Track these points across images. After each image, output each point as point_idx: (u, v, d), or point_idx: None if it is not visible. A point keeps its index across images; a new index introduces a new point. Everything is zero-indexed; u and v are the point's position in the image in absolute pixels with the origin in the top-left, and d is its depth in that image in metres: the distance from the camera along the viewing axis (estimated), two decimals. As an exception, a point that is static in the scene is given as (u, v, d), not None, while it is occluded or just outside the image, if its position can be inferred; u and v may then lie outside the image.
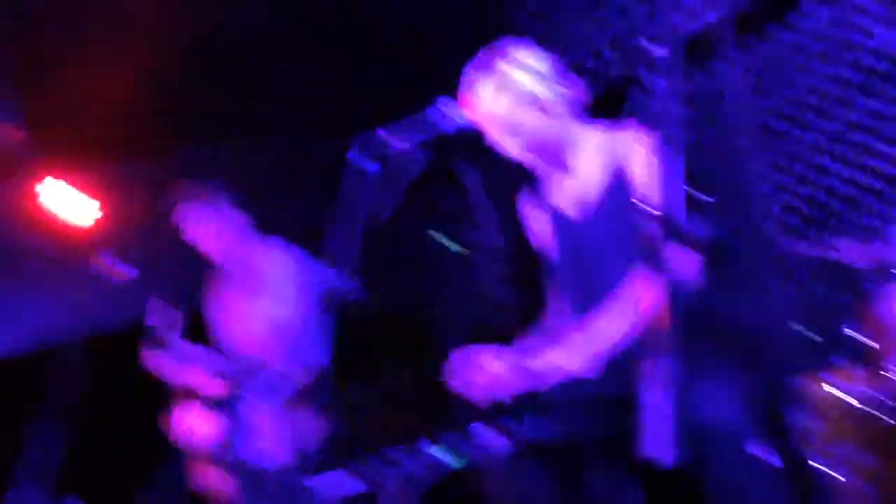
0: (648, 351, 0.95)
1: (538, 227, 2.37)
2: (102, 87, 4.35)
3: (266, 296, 3.66)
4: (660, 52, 1.18)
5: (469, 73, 2.20)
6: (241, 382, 3.39)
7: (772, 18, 4.36)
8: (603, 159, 2.12)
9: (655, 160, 1.91)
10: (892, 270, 4.13)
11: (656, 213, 0.97)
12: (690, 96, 4.76)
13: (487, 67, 2.17)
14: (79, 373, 3.31)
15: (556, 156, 2.20)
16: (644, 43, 1.33)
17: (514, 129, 2.16)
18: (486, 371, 2.01)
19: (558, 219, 2.29)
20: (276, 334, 3.48)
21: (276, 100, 5.05)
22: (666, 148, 1.97)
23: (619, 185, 2.03)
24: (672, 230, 0.97)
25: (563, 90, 2.16)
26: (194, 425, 3.46)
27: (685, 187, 0.99)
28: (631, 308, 1.80)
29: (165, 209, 3.90)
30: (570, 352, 1.90)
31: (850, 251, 4.10)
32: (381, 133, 2.16)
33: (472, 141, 2.32)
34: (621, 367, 1.90)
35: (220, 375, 3.45)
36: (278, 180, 5.44)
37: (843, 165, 4.28)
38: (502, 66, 2.15)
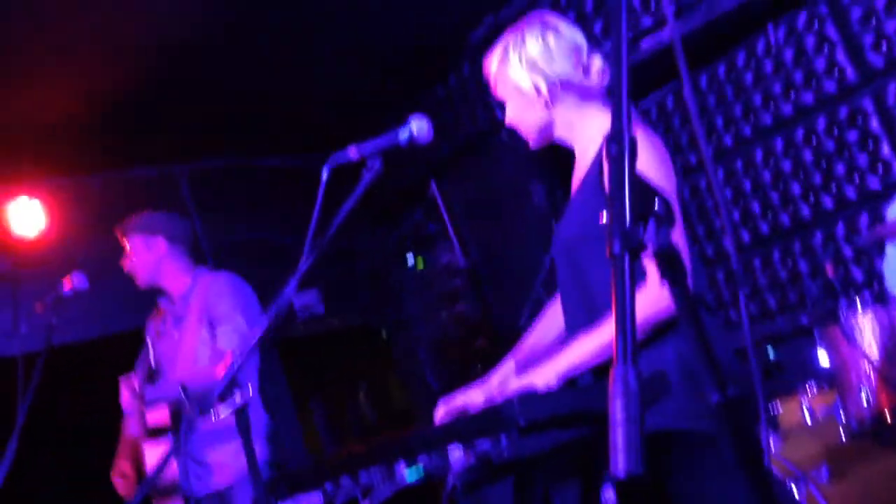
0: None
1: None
2: (49, 103, 4.28)
3: (205, 324, 3.62)
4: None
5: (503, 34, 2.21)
6: (184, 411, 3.34)
7: (731, 40, 4.44)
8: (594, 152, 2.10)
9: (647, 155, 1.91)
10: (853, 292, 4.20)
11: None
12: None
13: (504, 40, 2.16)
14: (26, 386, 3.22)
15: (551, 139, 2.18)
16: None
17: (508, 108, 2.16)
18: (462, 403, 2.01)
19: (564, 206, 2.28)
20: (217, 362, 3.45)
21: (236, 117, 5.00)
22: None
23: (594, 185, 2.02)
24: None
25: (557, 77, 2.11)
26: (146, 458, 3.40)
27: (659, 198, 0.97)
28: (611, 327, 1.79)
29: (112, 229, 3.85)
30: (548, 370, 1.89)
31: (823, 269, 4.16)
32: (353, 149, 2.13)
33: (444, 159, 2.31)
34: (594, 381, 1.89)
35: (164, 405, 3.39)
36: (239, 198, 5.39)
37: (799, 183, 4.35)
38: (508, 44, 2.14)
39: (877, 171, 4.11)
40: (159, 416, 3.38)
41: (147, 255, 3.73)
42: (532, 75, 2.10)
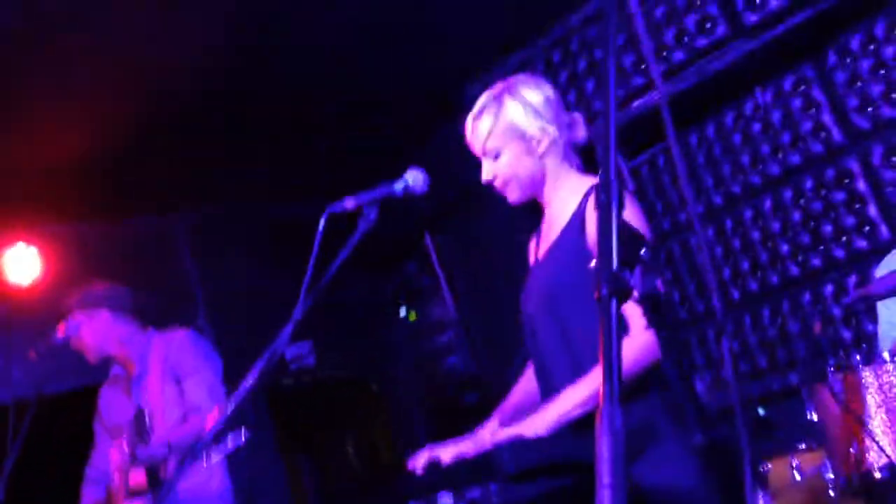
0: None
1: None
2: (48, 150, 4.32)
3: (169, 382, 3.64)
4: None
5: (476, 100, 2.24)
6: (164, 471, 3.35)
7: (719, 100, 4.54)
8: (570, 209, 2.14)
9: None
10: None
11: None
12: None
13: (490, 94, 2.21)
14: (16, 434, 3.21)
15: (534, 194, 2.22)
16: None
17: (498, 160, 2.18)
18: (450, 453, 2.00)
19: (534, 263, 2.31)
20: (190, 417, 3.47)
21: (236, 164, 5.05)
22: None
23: (573, 241, 2.06)
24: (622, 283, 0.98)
25: (555, 130, 2.17)
26: None
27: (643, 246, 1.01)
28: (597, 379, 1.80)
29: (107, 277, 3.87)
30: (537, 420, 1.89)
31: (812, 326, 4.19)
32: (350, 199, 2.17)
33: (438, 212, 2.34)
34: (581, 428, 1.90)
35: (156, 458, 3.38)
36: (237, 246, 5.42)
37: (788, 243, 4.41)
38: (502, 94, 2.18)
39: (863, 232, 4.17)
40: (137, 477, 3.36)
41: (92, 330, 3.73)
42: (537, 120, 2.15)
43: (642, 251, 1.01)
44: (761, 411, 3.90)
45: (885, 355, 3.13)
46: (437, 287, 5.29)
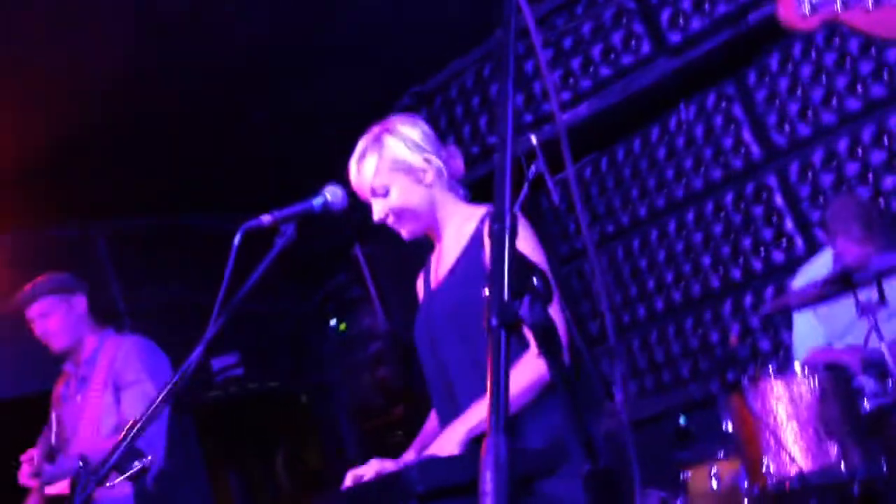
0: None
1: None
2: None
3: (110, 389, 3.53)
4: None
5: (357, 144, 2.26)
6: (80, 486, 3.26)
7: (646, 116, 4.64)
8: (466, 234, 2.18)
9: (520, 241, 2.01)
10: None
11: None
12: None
13: (368, 137, 2.23)
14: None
15: (428, 226, 2.24)
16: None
17: (388, 197, 2.20)
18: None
19: (426, 292, 2.34)
20: (120, 428, 3.37)
21: (160, 176, 4.97)
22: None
23: (476, 259, 2.08)
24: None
25: (438, 161, 2.21)
26: None
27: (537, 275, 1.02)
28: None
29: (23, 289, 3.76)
30: (448, 439, 1.91)
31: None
32: (267, 216, 2.15)
33: (368, 222, 2.34)
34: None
35: (63, 475, 3.28)
36: (159, 258, 5.33)
37: (710, 255, 4.52)
38: (381, 135, 2.21)
39: (780, 245, 4.30)
40: (60, 485, 3.26)
41: (67, 316, 3.61)
42: (420, 152, 2.20)
43: (534, 280, 1.03)
44: (682, 420, 3.98)
45: (797, 366, 3.23)
46: (367, 298, 5.27)
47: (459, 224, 2.21)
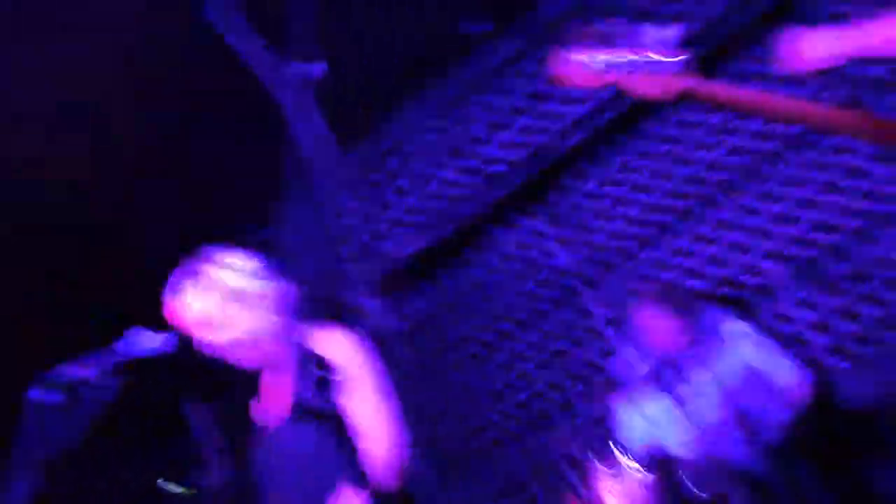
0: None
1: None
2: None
3: None
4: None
5: (173, 281, 2.22)
6: None
7: (467, 244, 4.83)
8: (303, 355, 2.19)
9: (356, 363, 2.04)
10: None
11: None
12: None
13: (191, 272, 2.21)
14: None
15: (264, 352, 2.22)
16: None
17: (222, 328, 2.17)
18: None
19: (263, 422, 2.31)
20: None
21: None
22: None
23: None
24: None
25: (269, 286, 2.21)
26: None
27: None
28: None
29: None
30: None
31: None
32: (66, 368, 2.09)
33: (178, 368, 2.29)
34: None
35: None
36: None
37: (546, 371, 4.65)
38: (206, 268, 2.20)
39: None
40: None
41: None
42: (249, 279, 2.21)
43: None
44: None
45: (629, 461, 3.32)
46: (203, 452, 5.05)
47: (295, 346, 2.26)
